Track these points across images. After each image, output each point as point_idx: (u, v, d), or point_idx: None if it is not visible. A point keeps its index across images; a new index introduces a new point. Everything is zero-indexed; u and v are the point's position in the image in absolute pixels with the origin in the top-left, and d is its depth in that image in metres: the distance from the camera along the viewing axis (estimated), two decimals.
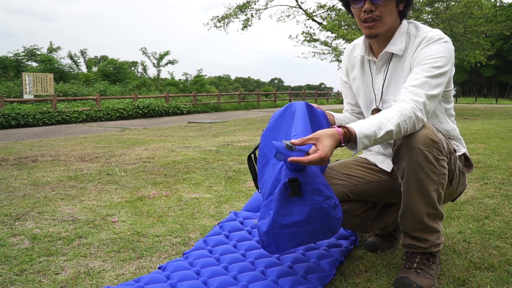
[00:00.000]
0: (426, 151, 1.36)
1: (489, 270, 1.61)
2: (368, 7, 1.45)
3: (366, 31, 1.49)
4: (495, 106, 23.34)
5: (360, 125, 1.31)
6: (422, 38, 1.49)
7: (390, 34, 1.54)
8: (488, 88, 49.31)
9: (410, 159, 1.38)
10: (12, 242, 2.04)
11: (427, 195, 1.41)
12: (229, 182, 3.39)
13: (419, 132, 1.37)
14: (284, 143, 1.25)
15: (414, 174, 1.39)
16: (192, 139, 6.91)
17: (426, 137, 1.36)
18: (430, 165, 1.38)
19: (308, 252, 1.79)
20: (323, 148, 1.22)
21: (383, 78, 1.59)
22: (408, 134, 1.38)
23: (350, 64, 1.74)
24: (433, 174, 1.39)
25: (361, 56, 1.66)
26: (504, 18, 19.14)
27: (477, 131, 7.30)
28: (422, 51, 1.46)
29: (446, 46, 1.45)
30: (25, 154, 5.26)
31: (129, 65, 35.28)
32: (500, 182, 3.15)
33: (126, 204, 2.73)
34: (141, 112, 15.07)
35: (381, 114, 1.35)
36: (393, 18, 1.50)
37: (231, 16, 17.43)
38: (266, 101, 24.88)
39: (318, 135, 1.25)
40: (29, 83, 14.09)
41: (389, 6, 1.46)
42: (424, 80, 1.40)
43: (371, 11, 1.45)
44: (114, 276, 1.66)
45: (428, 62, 1.43)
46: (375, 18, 1.46)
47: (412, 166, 1.38)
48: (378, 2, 1.44)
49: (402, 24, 1.54)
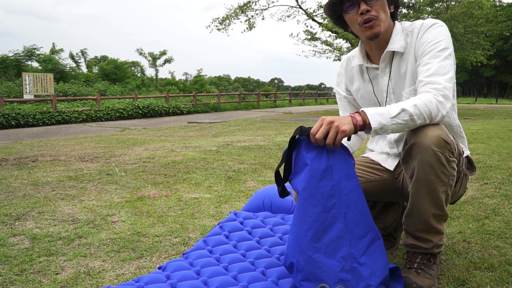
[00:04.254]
0: (438, 152, 1.35)
1: (489, 270, 1.61)
2: (364, 8, 1.46)
3: (368, 32, 1.49)
4: (495, 106, 23.34)
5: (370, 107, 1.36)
6: (419, 27, 1.51)
7: (387, 36, 1.55)
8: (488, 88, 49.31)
9: (421, 159, 1.36)
10: (12, 242, 2.04)
11: (435, 196, 1.40)
12: (229, 182, 3.39)
13: (432, 132, 1.35)
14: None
15: (425, 174, 1.37)
16: (192, 139, 6.91)
17: (439, 137, 1.35)
18: (441, 166, 1.36)
19: None
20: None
21: (387, 78, 1.59)
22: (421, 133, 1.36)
23: (348, 77, 1.73)
24: (443, 175, 1.38)
25: (360, 66, 1.65)
26: (504, 18, 19.09)
27: (477, 131, 7.30)
28: (423, 38, 1.48)
29: (443, 29, 1.48)
30: (25, 154, 5.26)
31: (129, 65, 35.28)
32: (500, 182, 3.15)
33: (126, 204, 2.73)
34: (141, 112, 15.08)
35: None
36: (387, 17, 1.52)
37: (231, 17, 17.42)
38: (266, 101, 24.87)
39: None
40: (29, 83, 14.10)
41: (384, 5, 1.49)
42: (437, 65, 1.41)
43: (367, 11, 1.47)
44: (114, 276, 1.66)
45: (433, 48, 1.44)
46: (373, 18, 1.47)
47: (423, 167, 1.37)
48: (372, 3, 1.46)
49: (396, 24, 1.56)
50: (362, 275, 1.30)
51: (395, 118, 1.31)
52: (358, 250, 1.32)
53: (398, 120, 1.32)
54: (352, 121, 1.31)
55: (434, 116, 1.36)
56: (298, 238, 1.33)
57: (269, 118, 13.01)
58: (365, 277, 1.30)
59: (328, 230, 1.32)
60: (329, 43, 17.92)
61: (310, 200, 1.34)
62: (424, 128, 1.37)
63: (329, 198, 1.33)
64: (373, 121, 1.30)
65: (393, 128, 1.33)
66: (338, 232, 1.32)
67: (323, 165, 1.34)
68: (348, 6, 1.50)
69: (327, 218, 1.32)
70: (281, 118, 13.41)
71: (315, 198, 1.33)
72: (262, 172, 3.85)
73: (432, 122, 1.37)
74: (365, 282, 1.29)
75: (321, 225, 1.32)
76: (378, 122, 1.30)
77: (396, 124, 1.32)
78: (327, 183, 1.34)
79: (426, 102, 1.34)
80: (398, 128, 1.34)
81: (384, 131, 1.33)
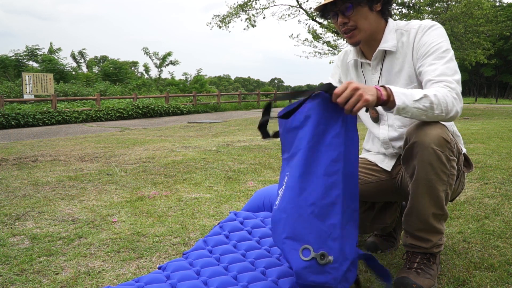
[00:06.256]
0: (439, 151, 1.35)
1: (489, 270, 1.61)
2: (341, 20, 1.49)
3: (348, 41, 1.54)
4: (495, 106, 23.33)
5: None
6: (416, 28, 1.50)
7: (379, 35, 1.55)
8: (488, 88, 49.32)
9: (422, 158, 1.36)
10: (12, 242, 2.04)
11: (435, 195, 1.40)
12: (229, 182, 3.39)
13: (432, 131, 1.35)
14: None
15: (425, 173, 1.37)
16: (192, 139, 6.91)
17: (440, 136, 1.35)
18: (442, 165, 1.36)
19: None
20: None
21: (378, 76, 1.59)
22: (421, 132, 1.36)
23: (343, 70, 1.75)
24: (443, 174, 1.38)
25: (355, 60, 1.67)
26: (504, 18, 19.09)
27: (477, 131, 7.30)
28: (423, 39, 1.47)
29: (442, 31, 1.48)
30: (25, 154, 5.26)
31: (129, 65, 35.31)
32: (500, 182, 3.15)
33: (126, 204, 2.73)
34: (141, 112, 15.08)
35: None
36: (370, 22, 1.50)
37: (232, 15, 17.42)
38: (266, 101, 24.88)
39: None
40: (29, 83, 14.10)
41: (362, 13, 1.48)
42: (444, 67, 1.40)
43: (345, 23, 1.49)
44: (114, 276, 1.66)
45: (436, 49, 1.44)
46: (351, 28, 1.49)
47: (423, 166, 1.37)
48: (348, 14, 1.47)
49: (389, 22, 1.55)
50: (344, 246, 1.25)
51: (417, 102, 1.30)
52: (343, 222, 1.27)
53: (419, 105, 1.30)
54: (376, 93, 1.27)
55: (450, 110, 1.34)
56: (294, 193, 1.26)
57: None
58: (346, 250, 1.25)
59: (327, 194, 1.25)
60: (331, 45, 17.90)
61: (314, 157, 1.27)
62: (425, 127, 1.37)
63: (334, 163, 1.27)
64: (398, 99, 1.28)
65: (413, 111, 1.31)
66: (334, 199, 1.25)
67: (336, 130, 1.28)
68: (330, 17, 1.53)
69: (327, 181, 1.25)
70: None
71: (320, 157, 1.27)
72: (262, 172, 3.85)
73: (448, 116, 1.35)
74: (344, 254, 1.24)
75: (322, 187, 1.25)
76: (402, 101, 1.28)
77: (417, 109, 1.31)
78: (335, 148, 1.27)
79: (444, 95, 1.33)
80: (417, 113, 1.32)
81: (405, 112, 1.31)
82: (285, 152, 1.39)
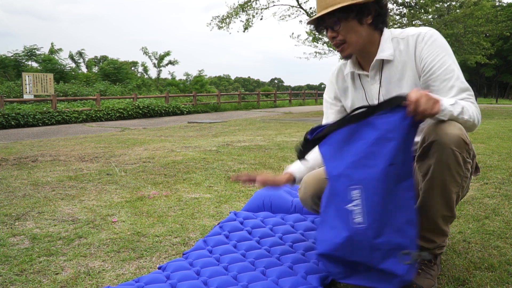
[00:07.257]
0: (457, 152, 1.34)
1: (489, 270, 1.61)
2: (330, 35, 1.49)
3: (340, 54, 1.54)
4: (495, 106, 23.33)
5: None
6: (415, 36, 1.48)
7: (372, 47, 1.52)
8: (488, 88, 49.33)
9: (439, 158, 1.35)
10: (12, 242, 2.04)
11: (448, 196, 1.39)
12: (229, 182, 3.39)
13: (452, 132, 1.34)
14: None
15: (441, 174, 1.36)
16: (192, 139, 6.91)
17: (459, 137, 1.33)
18: (458, 167, 1.35)
19: (308, 252, 1.79)
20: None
21: (378, 86, 1.57)
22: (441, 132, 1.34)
23: (339, 85, 1.71)
24: (458, 176, 1.37)
25: (351, 73, 1.64)
26: (504, 18, 19.06)
27: (477, 131, 7.30)
28: (427, 51, 1.45)
29: (442, 40, 1.47)
30: (25, 154, 5.26)
31: (129, 65, 35.29)
32: (500, 182, 3.15)
33: (126, 204, 2.73)
34: (141, 112, 15.07)
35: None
36: (360, 35, 1.47)
37: (232, 16, 17.41)
38: (266, 101, 24.87)
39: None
40: (29, 83, 14.10)
41: (350, 27, 1.45)
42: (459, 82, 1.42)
43: (334, 37, 1.49)
44: (114, 276, 1.66)
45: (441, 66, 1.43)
46: (340, 43, 1.49)
47: (440, 166, 1.35)
48: (336, 28, 1.46)
49: (384, 32, 1.52)
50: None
51: (451, 107, 1.32)
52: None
53: (453, 110, 1.32)
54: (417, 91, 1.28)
55: (476, 121, 1.39)
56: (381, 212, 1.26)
57: (269, 118, 13.01)
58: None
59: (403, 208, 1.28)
60: (331, 45, 17.88)
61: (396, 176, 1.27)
62: (444, 127, 1.34)
63: (409, 176, 1.29)
64: (443, 99, 1.30)
65: (447, 114, 1.33)
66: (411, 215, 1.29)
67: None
68: (322, 30, 1.54)
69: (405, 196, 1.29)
70: (281, 118, 13.41)
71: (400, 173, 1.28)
72: (262, 172, 3.85)
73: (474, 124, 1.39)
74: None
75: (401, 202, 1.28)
76: (444, 106, 1.30)
77: (452, 112, 1.33)
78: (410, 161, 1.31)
79: (470, 104, 1.38)
80: (449, 115, 1.33)
81: (442, 116, 1.32)
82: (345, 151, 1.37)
